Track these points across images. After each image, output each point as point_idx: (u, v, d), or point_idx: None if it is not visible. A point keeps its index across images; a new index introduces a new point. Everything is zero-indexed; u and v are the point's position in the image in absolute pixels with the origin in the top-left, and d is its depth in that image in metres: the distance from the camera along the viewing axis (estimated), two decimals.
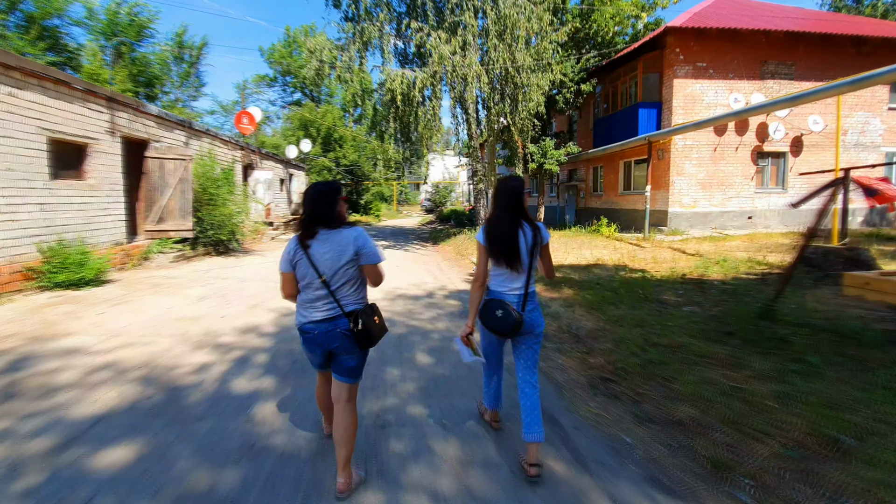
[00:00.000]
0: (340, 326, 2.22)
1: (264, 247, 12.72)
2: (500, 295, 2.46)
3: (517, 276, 2.43)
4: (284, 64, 27.02)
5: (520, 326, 2.37)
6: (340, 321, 2.22)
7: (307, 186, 2.36)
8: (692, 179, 14.43)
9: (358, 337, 2.21)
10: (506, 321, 2.37)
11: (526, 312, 2.42)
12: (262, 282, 7.40)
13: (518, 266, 2.40)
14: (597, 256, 10.02)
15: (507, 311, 2.36)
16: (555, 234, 14.93)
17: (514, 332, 2.40)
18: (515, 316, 2.35)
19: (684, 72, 14.16)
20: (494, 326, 2.43)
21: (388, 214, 36.48)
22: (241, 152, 13.75)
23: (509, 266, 2.41)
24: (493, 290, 2.50)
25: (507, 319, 2.36)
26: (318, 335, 2.23)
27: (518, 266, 2.40)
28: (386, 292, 7.01)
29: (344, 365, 2.27)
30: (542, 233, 2.45)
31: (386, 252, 12.80)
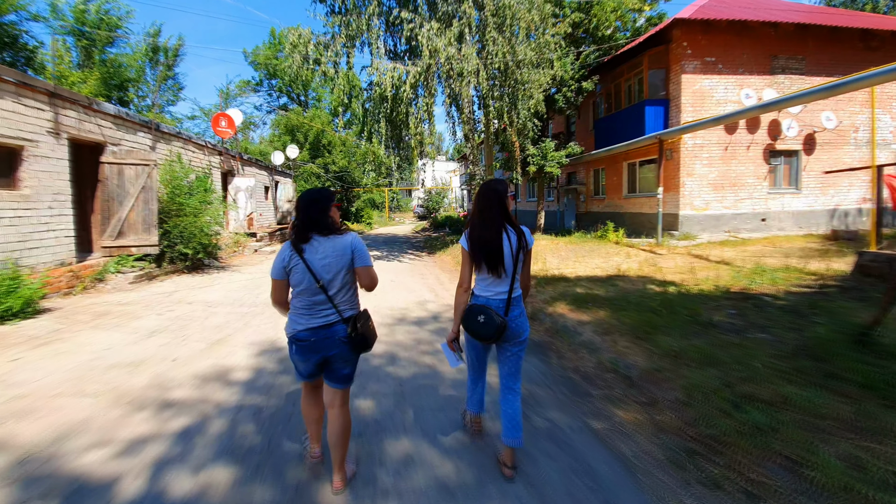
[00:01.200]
0: (339, 333, 2.24)
1: (245, 261, 11.59)
2: (484, 300, 2.43)
3: (501, 280, 2.41)
4: (270, 67, 25.91)
5: (503, 331, 2.35)
6: (338, 327, 2.24)
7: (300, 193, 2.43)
8: (703, 180, 13.59)
9: (355, 342, 2.24)
10: (489, 326, 2.34)
11: (510, 318, 2.40)
12: (234, 306, 6.30)
13: (502, 271, 2.38)
14: (614, 266, 9.05)
15: (491, 315, 2.34)
16: (558, 241, 13.97)
17: (497, 338, 2.36)
18: (499, 321, 2.32)
19: (692, 67, 13.35)
20: (478, 331, 2.39)
21: (380, 222, 35.40)
22: (220, 158, 12.63)
23: (493, 271, 2.39)
24: (478, 295, 2.47)
25: (491, 324, 2.33)
26: (316, 342, 2.23)
27: (502, 271, 2.38)
28: (384, 315, 5.96)
29: (339, 372, 2.30)
30: (526, 237, 2.42)
31: (379, 264, 11.72)
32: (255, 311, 6.01)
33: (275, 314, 5.79)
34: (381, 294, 7.44)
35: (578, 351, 4.38)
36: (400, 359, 4.35)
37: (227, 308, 6.15)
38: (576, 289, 6.81)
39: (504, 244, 2.36)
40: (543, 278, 7.89)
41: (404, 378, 3.87)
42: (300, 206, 2.26)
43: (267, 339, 4.83)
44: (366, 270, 2.32)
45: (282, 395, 3.53)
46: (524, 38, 11.40)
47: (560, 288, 6.96)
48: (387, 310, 6.39)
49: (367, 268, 2.32)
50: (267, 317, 5.71)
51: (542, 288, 7.03)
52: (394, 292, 7.67)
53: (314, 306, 2.23)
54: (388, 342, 4.91)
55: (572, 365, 4.12)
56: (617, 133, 15.23)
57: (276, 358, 4.31)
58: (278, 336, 4.93)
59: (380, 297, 7.22)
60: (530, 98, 11.49)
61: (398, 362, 4.25)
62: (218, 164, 12.51)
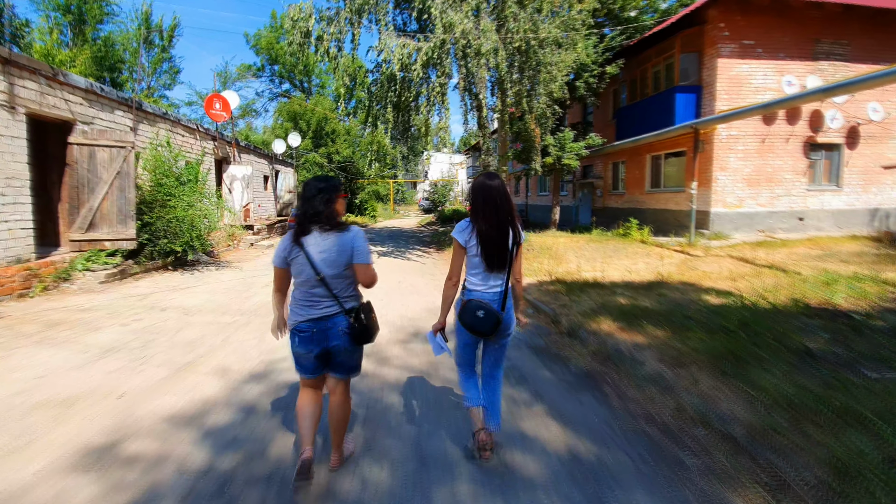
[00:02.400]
0: (339, 325, 2.22)
1: (239, 256, 10.64)
2: (479, 294, 2.42)
3: (497, 274, 2.40)
4: (272, 51, 24.78)
5: (499, 325, 2.36)
6: (339, 318, 2.22)
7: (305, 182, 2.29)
8: (737, 175, 12.51)
9: (357, 334, 2.24)
10: (487, 321, 2.34)
11: (505, 311, 2.40)
12: (216, 314, 5.35)
13: (502, 266, 2.39)
14: (649, 269, 8.05)
15: (489, 310, 2.34)
16: (577, 239, 12.95)
17: (493, 332, 2.37)
18: (497, 316, 2.33)
19: (729, 50, 12.21)
20: (475, 326, 2.38)
21: (385, 214, 34.42)
22: (214, 144, 11.64)
23: (493, 265, 2.37)
24: (472, 290, 2.45)
25: (489, 319, 2.34)
26: (317, 333, 2.21)
27: (502, 266, 2.39)
28: (393, 326, 5.02)
29: (344, 364, 2.31)
30: (520, 231, 2.43)
31: (384, 262, 10.74)
32: (239, 320, 5.06)
33: (263, 324, 4.84)
34: (388, 298, 6.48)
35: (645, 388, 3.40)
36: (418, 396, 3.39)
37: (208, 316, 5.20)
38: (616, 298, 5.81)
39: (507, 240, 2.36)
40: (573, 283, 6.89)
41: (426, 433, 2.89)
42: (304, 194, 2.21)
43: (248, 362, 3.87)
44: (364, 268, 2.26)
45: (266, 453, 2.57)
46: (547, 14, 10.31)
47: (596, 296, 5.96)
48: (396, 318, 5.42)
49: (365, 265, 2.26)
50: (252, 329, 4.76)
51: (576, 296, 6.03)
52: (402, 297, 6.70)
53: (314, 297, 2.20)
54: (400, 366, 3.94)
55: (642, 410, 3.14)
56: (642, 123, 14.12)
57: (260, 391, 3.35)
58: (263, 357, 3.98)
59: (386, 302, 6.26)
60: (552, 81, 10.40)
61: (417, 402, 3.29)
62: (211, 150, 11.50)
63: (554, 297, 6.23)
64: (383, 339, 4.66)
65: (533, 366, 4.02)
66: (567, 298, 6.00)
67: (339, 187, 2.28)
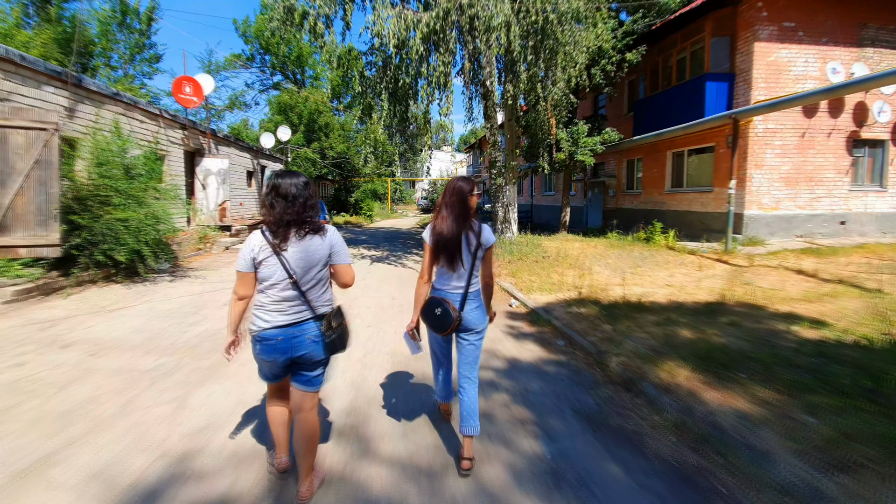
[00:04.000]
0: (309, 332, 2.05)
1: (209, 262, 9.22)
2: (442, 293, 2.46)
3: (459, 275, 2.44)
4: (263, 40, 23.24)
5: (457, 324, 2.39)
6: (307, 325, 2.05)
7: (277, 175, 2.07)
8: (774, 174, 11.16)
9: (329, 343, 2.07)
10: (444, 319, 2.37)
11: (466, 311, 2.43)
12: (138, 353, 3.88)
13: (459, 266, 2.41)
14: (695, 284, 6.67)
15: (446, 309, 2.36)
16: (594, 244, 11.58)
17: (452, 330, 2.39)
18: (454, 315, 2.35)
19: (767, 33, 10.86)
20: (433, 324, 2.44)
21: (382, 214, 32.97)
22: (184, 133, 10.20)
23: (451, 265, 2.41)
24: (437, 289, 2.50)
25: (446, 318, 2.36)
26: (283, 341, 2.02)
27: (459, 266, 2.41)
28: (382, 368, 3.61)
29: (309, 374, 2.13)
30: (485, 234, 2.45)
31: (377, 269, 9.34)
32: (163, 366, 3.63)
33: (194, 373, 3.45)
34: (379, 325, 5.10)
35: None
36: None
37: (122, 358, 3.75)
38: (675, 329, 4.43)
39: (463, 241, 2.39)
40: (611, 304, 5.51)
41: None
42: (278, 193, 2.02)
43: (144, 456, 2.45)
44: (344, 269, 2.14)
45: None
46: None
47: (647, 324, 4.58)
48: (386, 358, 4.02)
49: (346, 266, 2.14)
50: (175, 383, 3.34)
51: (620, 323, 4.66)
52: (396, 320, 5.30)
53: (283, 302, 2.02)
54: (396, 466, 2.53)
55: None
56: (665, 116, 12.76)
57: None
58: (173, 445, 2.56)
59: (376, 330, 4.89)
60: (571, 65, 9.01)
61: None
62: (180, 140, 10.07)
63: (590, 323, 4.85)
64: (373, 379, 3.27)
65: (588, 451, 2.64)
66: (609, 327, 4.62)
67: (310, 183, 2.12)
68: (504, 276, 7.97)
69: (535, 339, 4.79)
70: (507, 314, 5.85)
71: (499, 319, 5.62)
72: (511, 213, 11.75)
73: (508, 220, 11.66)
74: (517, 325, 5.34)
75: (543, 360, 4.12)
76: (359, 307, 5.98)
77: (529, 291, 6.69)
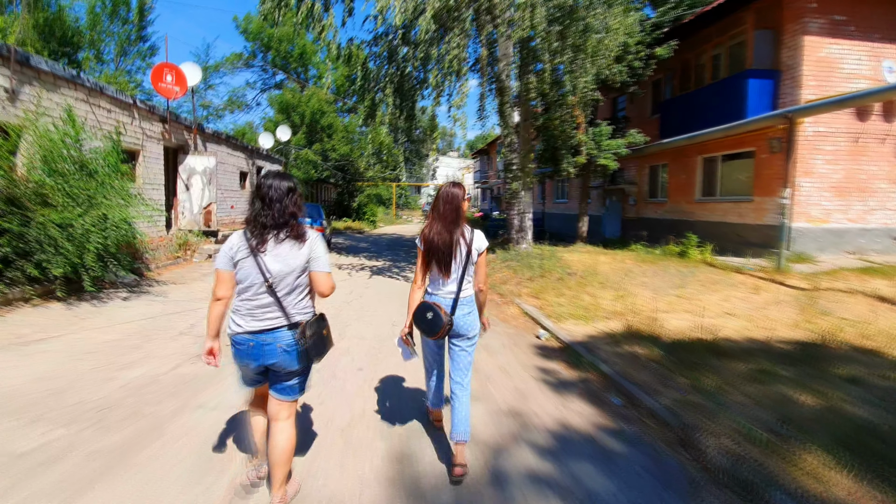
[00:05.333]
0: (281, 340, 1.97)
1: (185, 273, 8.08)
2: (434, 298, 2.45)
3: (451, 281, 2.43)
4: (264, 37, 22.31)
5: (448, 329, 2.37)
6: (281, 333, 1.97)
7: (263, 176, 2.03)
8: (824, 182, 9.98)
9: (302, 350, 1.98)
10: (435, 323, 2.35)
11: (458, 316, 2.42)
12: (22, 423, 2.62)
13: (452, 271, 2.41)
14: (760, 313, 5.46)
15: (437, 313, 2.34)
16: (620, 257, 10.38)
17: (442, 334, 2.38)
18: (444, 319, 2.33)
19: (817, 26, 9.73)
20: (424, 328, 2.41)
21: (385, 220, 31.89)
22: (163, 126, 9.09)
23: (443, 271, 2.41)
24: (430, 293, 2.49)
25: (437, 322, 2.34)
26: (254, 348, 1.97)
27: (452, 271, 2.41)
28: (378, 444, 2.42)
29: (284, 383, 2.06)
30: (476, 240, 2.45)
31: (376, 283, 8.17)
32: (51, 446, 2.31)
33: (94, 456, 2.27)
34: (374, 366, 3.95)
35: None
36: None
37: None
38: (781, 387, 3.24)
39: (455, 246, 2.38)
40: (672, 345, 4.31)
41: None
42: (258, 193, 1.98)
43: None
44: (322, 277, 2.02)
45: None
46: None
47: (736, 380, 3.39)
48: (381, 430, 2.85)
49: (324, 274, 2.03)
50: (57, 479, 2.19)
51: (699, 375, 3.46)
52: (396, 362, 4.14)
53: (258, 308, 1.95)
54: None
55: None
56: (698, 116, 11.60)
57: None
58: None
59: (370, 374, 3.73)
60: (604, 54, 7.86)
61: None
62: (159, 134, 8.96)
63: (654, 373, 3.66)
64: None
65: None
66: (685, 380, 3.43)
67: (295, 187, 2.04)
68: (526, 297, 6.79)
69: (580, 391, 3.60)
70: (536, 349, 4.67)
71: (527, 357, 4.43)
72: (527, 222, 10.59)
73: (524, 229, 10.50)
74: (552, 367, 4.16)
75: (600, 431, 2.94)
76: (350, 338, 4.81)
77: (560, 319, 5.50)
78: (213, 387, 3.36)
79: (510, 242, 10.40)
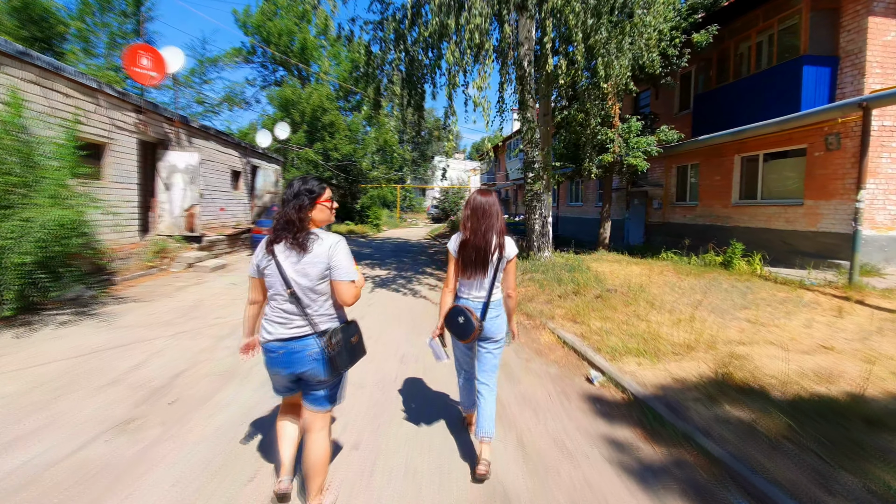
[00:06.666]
0: (310, 348, 1.95)
1: (160, 284, 6.92)
2: (465, 302, 2.52)
3: (481, 285, 2.50)
4: (264, 30, 21.20)
5: (479, 333, 2.45)
6: (310, 340, 1.95)
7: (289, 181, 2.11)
8: (891, 184, 8.75)
9: (331, 360, 1.94)
10: (466, 328, 2.43)
11: (487, 320, 2.48)
12: None
13: (484, 277, 2.48)
14: (873, 348, 4.23)
15: (469, 318, 2.42)
16: (658, 269, 9.14)
17: (474, 338, 2.45)
18: (475, 323, 2.42)
19: (883, 7, 8.52)
20: (456, 332, 2.50)
21: (390, 223, 30.73)
22: (138, 117, 7.93)
23: (477, 276, 2.48)
24: (460, 297, 2.57)
25: (468, 326, 2.42)
26: (284, 355, 1.95)
27: (484, 277, 2.48)
28: None
29: (315, 392, 2.04)
30: (507, 247, 2.49)
31: (381, 298, 6.99)
32: None
33: None
34: (375, 425, 2.75)
35: None
36: None
37: None
38: None
39: (490, 253, 2.45)
40: (787, 404, 3.11)
41: None
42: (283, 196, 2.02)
43: None
44: (344, 286, 1.95)
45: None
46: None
47: None
48: None
49: (345, 283, 1.95)
50: None
51: (846, 462, 2.24)
52: (412, 417, 2.95)
53: (286, 314, 1.95)
54: None
55: None
56: (741, 110, 10.38)
57: None
58: None
59: (369, 439, 2.52)
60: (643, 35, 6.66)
61: None
62: (132, 125, 7.81)
63: (794, 460, 2.45)
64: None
65: None
66: (851, 478, 2.22)
67: (316, 191, 1.99)
68: (561, 320, 5.58)
69: (681, 488, 2.39)
70: (593, 403, 3.46)
71: (584, 417, 3.23)
72: (548, 227, 9.39)
73: (545, 235, 9.30)
74: (624, 437, 2.95)
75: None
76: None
77: (615, 355, 4.29)
78: (127, 485, 2.18)
79: (531, 250, 9.20)
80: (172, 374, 3.63)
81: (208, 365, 3.88)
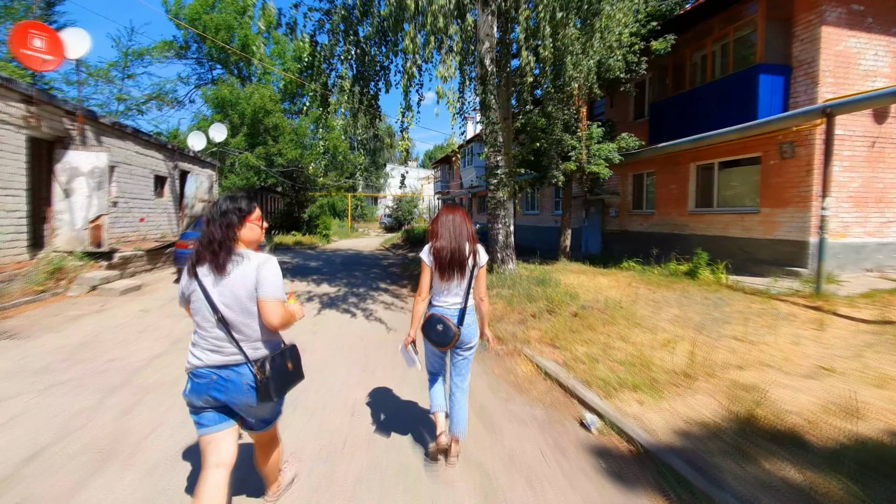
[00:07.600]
0: (245, 377, 1.79)
1: (49, 312, 5.55)
2: (441, 310, 2.59)
3: (455, 293, 2.58)
4: (199, 25, 19.36)
5: (457, 340, 2.54)
6: (242, 369, 1.80)
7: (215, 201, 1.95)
8: (841, 192, 8.89)
9: (262, 387, 1.79)
10: (446, 335, 2.52)
11: (464, 326, 2.56)
12: None
13: (461, 281, 2.56)
14: (872, 369, 3.85)
15: (447, 325, 2.51)
16: (624, 279, 8.80)
17: (452, 345, 2.56)
18: (454, 330, 2.51)
19: (836, 16, 8.69)
20: (435, 339, 2.57)
21: (340, 233, 29.32)
22: (28, 109, 6.49)
23: (452, 281, 2.54)
24: (435, 306, 2.62)
25: (448, 333, 2.52)
26: (219, 382, 1.78)
27: (461, 281, 2.56)
28: None
29: (258, 419, 1.94)
30: (480, 254, 2.59)
31: (328, 322, 6.01)
32: None
33: None
34: None
35: None
36: None
37: None
38: None
39: (465, 262, 2.54)
40: (829, 453, 2.54)
41: None
42: (208, 215, 1.89)
43: None
44: (271, 305, 1.78)
45: None
46: None
47: None
48: None
49: (272, 301, 1.78)
50: None
51: None
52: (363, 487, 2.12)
53: (217, 342, 1.79)
54: None
55: None
56: (699, 118, 10.34)
57: None
58: None
59: None
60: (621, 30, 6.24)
61: None
62: (20, 118, 6.38)
63: None
64: None
65: None
66: None
67: (246, 208, 1.87)
68: (538, 345, 4.89)
69: None
70: (596, 460, 2.76)
71: (590, 483, 2.51)
72: (511, 237, 8.80)
73: (509, 245, 8.69)
74: None
75: None
76: None
77: (609, 389, 3.63)
78: None
79: (494, 262, 8.54)
80: (24, 457, 2.56)
81: (83, 436, 2.82)
